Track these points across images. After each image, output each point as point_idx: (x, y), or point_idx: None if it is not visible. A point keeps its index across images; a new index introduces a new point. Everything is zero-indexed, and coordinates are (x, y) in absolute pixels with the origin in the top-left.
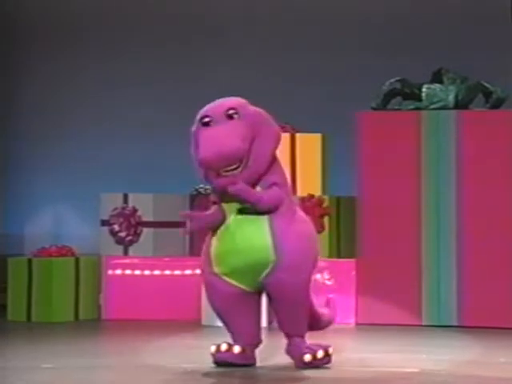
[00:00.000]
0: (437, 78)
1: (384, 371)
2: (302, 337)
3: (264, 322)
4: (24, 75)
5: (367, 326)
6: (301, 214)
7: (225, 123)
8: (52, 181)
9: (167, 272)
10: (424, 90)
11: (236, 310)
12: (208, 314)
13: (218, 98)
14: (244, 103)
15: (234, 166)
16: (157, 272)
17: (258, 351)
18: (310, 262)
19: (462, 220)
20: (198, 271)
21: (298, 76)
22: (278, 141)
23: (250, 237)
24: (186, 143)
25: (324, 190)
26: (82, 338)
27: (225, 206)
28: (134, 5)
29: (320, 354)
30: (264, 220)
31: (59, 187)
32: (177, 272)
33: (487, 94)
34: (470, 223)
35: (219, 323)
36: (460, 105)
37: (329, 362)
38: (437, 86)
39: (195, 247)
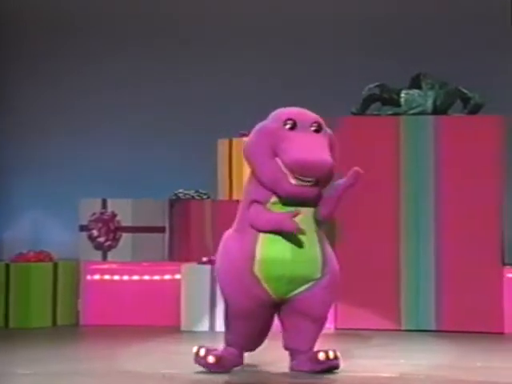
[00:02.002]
0: (415, 83)
1: (363, 376)
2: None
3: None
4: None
5: (346, 331)
6: None
7: (311, 134)
8: (30, 185)
9: (146, 277)
10: (403, 95)
11: (256, 318)
12: (187, 320)
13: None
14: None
15: (315, 180)
16: (135, 277)
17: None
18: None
19: (441, 225)
20: (177, 276)
21: (298, 77)
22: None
23: (306, 250)
24: (166, 147)
25: None
26: (60, 344)
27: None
28: (134, 5)
29: (331, 353)
30: (315, 235)
31: (37, 192)
32: (156, 277)
33: (465, 100)
34: (449, 228)
35: (198, 328)
36: (438, 110)
37: (338, 365)
38: (415, 91)
39: (174, 252)
